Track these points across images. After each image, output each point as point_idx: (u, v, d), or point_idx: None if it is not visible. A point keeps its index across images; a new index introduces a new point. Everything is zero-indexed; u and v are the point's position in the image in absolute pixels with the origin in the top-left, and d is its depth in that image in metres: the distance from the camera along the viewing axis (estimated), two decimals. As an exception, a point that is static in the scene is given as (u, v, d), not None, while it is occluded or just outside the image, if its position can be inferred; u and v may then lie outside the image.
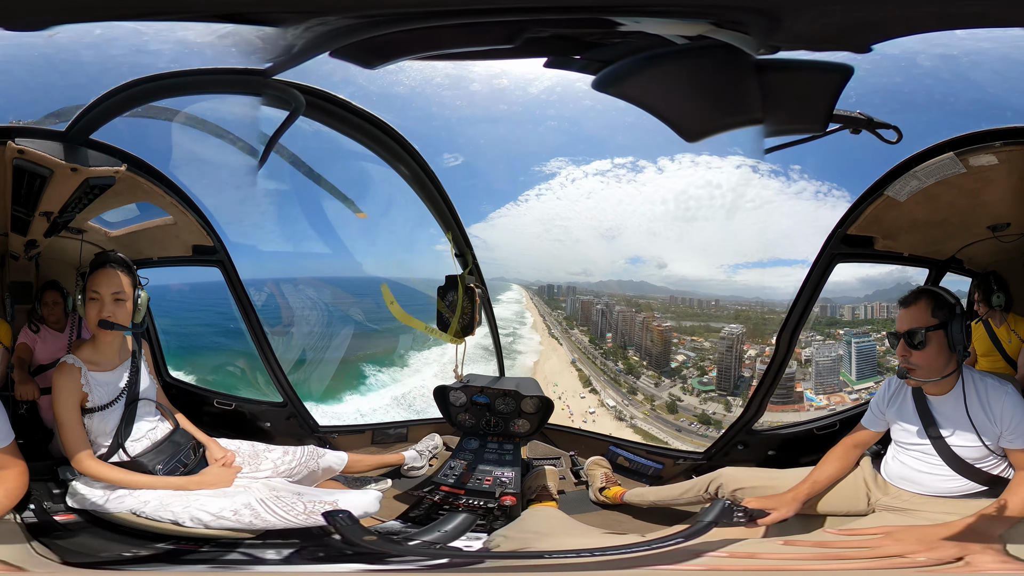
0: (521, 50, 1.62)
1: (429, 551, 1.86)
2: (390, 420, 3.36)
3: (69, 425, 1.95)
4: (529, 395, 2.84)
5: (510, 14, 1.52)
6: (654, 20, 1.50)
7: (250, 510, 1.84)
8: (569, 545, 1.77)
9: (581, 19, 1.56)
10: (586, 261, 6.67)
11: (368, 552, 1.75)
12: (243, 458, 2.23)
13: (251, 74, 1.94)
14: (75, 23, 1.63)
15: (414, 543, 1.91)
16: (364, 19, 1.53)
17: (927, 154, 2.12)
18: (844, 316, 4.79)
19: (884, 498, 2.00)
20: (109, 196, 2.43)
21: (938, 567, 1.61)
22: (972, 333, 2.20)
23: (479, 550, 1.94)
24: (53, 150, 2.11)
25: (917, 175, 2.13)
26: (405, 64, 2.11)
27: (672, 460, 2.92)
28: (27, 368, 2.62)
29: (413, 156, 2.59)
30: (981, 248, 2.45)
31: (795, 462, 2.31)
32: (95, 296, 2.00)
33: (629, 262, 6.24)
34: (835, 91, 1.63)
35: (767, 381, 2.77)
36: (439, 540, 1.96)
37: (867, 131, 1.97)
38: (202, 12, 1.56)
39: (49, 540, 1.77)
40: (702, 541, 1.72)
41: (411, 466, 2.82)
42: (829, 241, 2.49)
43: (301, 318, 5.51)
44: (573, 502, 2.65)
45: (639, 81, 1.64)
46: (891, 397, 2.04)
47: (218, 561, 1.76)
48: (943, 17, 1.45)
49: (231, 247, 2.90)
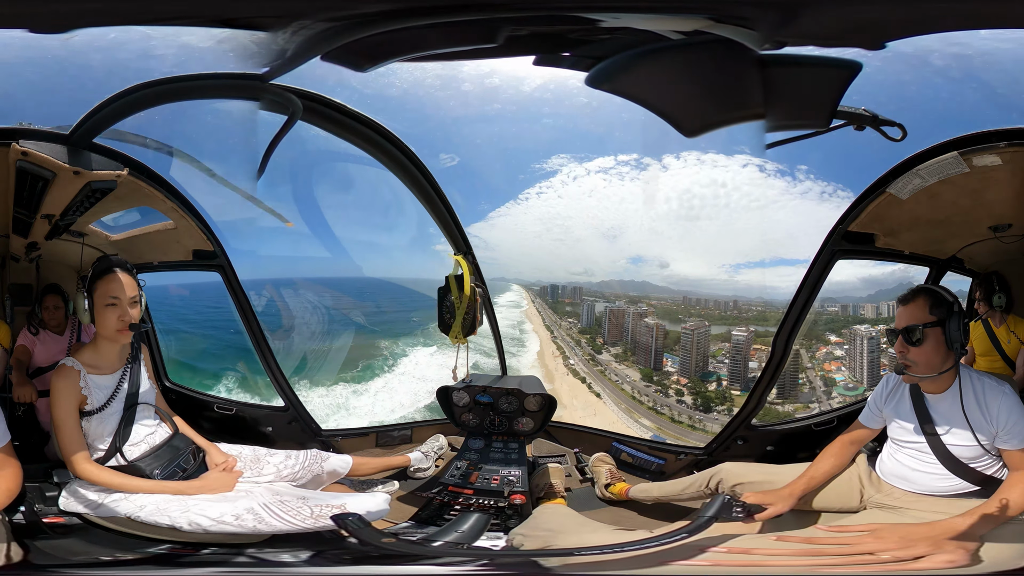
0: (505, 49, 1.62)
1: (456, 551, 1.86)
2: (393, 423, 3.36)
3: (66, 428, 1.94)
4: (532, 393, 2.84)
5: (484, 11, 1.52)
6: (640, 16, 1.50)
7: (253, 515, 1.82)
8: (588, 542, 1.79)
9: (558, 16, 1.56)
10: (587, 260, 6.13)
11: (384, 555, 1.75)
12: (245, 463, 2.22)
13: (249, 79, 1.94)
14: (92, 27, 1.64)
15: (438, 544, 1.90)
16: (345, 21, 1.53)
17: (931, 152, 2.13)
18: (866, 314, 4.50)
19: (877, 495, 2.02)
20: (110, 200, 2.43)
21: (900, 563, 1.63)
22: (971, 332, 2.22)
23: (505, 549, 1.94)
24: (56, 153, 2.11)
25: (920, 173, 2.14)
26: (396, 66, 2.11)
27: (674, 455, 2.93)
28: (25, 370, 2.61)
29: (409, 157, 2.60)
30: (982, 248, 2.47)
31: (793, 457, 2.33)
32: (114, 302, 2.00)
33: (631, 261, 5.72)
34: (840, 87, 1.63)
35: (765, 379, 2.78)
36: (458, 540, 1.95)
37: (871, 128, 1.97)
38: (196, 16, 1.56)
39: (40, 542, 1.76)
40: (703, 536, 1.75)
41: (417, 467, 2.82)
42: (830, 237, 2.50)
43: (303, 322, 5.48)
44: (581, 499, 2.66)
45: (634, 76, 1.64)
46: (889, 394, 2.05)
47: (216, 564, 1.75)
48: (963, 17, 1.45)
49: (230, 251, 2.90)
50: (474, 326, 2.66)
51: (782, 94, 1.61)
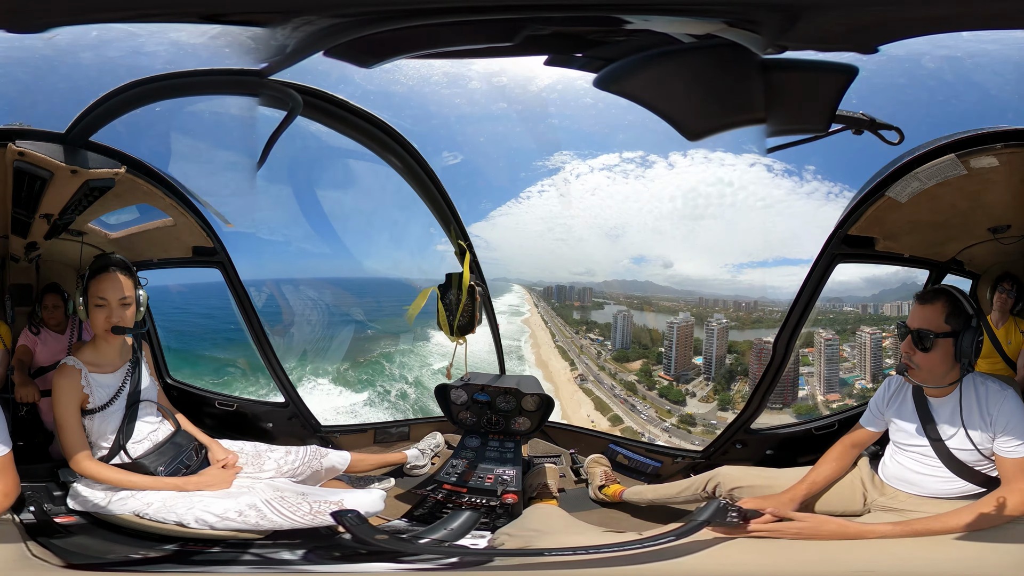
0: (520, 48, 1.62)
1: (439, 549, 1.87)
2: (391, 420, 3.38)
3: (68, 427, 1.95)
4: (529, 393, 2.85)
5: (510, 12, 1.51)
6: (663, 18, 1.49)
7: (255, 511, 1.84)
8: (568, 543, 1.78)
9: (585, 17, 1.55)
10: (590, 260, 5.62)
11: (378, 551, 1.76)
12: (246, 459, 2.23)
13: (247, 75, 1.94)
14: (70, 25, 1.63)
15: (423, 541, 1.92)
16: (353, 18, 1.52)
17: (928, 156, 2.12)
18: (888, 313, 4.28)
19: (880, 499, 2.00)
20: (109, 198, 2.43)
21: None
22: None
23: (485, 548, 1.96)
24: (53, 152, 2.11)
25: (918, 176, 2.12)
26: (402, 63, 2.10)
27: (671, 458, 2.93)
28: (27, 370, 2.62)
29: (412, 154, 2.59)
30: (982, 250, 2.45)
31: (793, 461, 2.32)
32: (102, 303, 2.00)
33: (633, 261, 5.27)
34: (838, 92, 1.62)
35: (766, 382, 2.77)
36: (445, 538, 1.97)
37: (869, 132, 1.96)
38: (183, 12, 1.55)
39: (48, 541, 1.78)
40: (693, 540, 1.73)
41: (413, 465, 2.83)
42: (830, 241, 2.49)
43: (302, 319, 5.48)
44: (573, 500, 2.67)
45: (641, 79, 1.63)
46: (891, 397, 2.03)
47: (224, 562, 1.77)
48: (951, 19, 1.44)
49: (230, 248, 2.90)
50: (472, 324, 2.66)
51: (782, 98, 1.60)
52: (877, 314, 4.26)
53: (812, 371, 4.22)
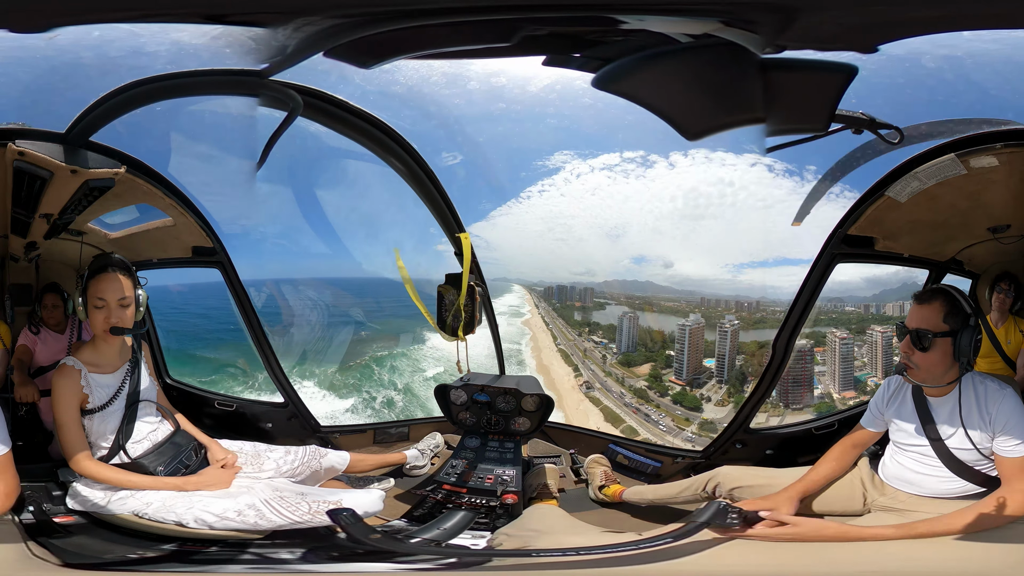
0: (518, 48, 1.62)
1: (435, 550, 1.88)
2: (391, 420, 3.38)
3: (68, 427, 1.96)
4: (529, 393, 2.85)
5: (506, 12, 1.52)
6: (660, 18, 1.49)
7: (254, 511, 1.85)
8: (568, 543, 1.78)
9: (581, 17, 1.56)
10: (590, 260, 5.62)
11: (374, 551, 1.76)
12: (245, 458, 2.24)
13: (248, 75, 1.94)
14: (71, 25, 1.64)
15: (418, 541, 1.92)
16: (353, 18, 1.53)
17: (928, 155, 2.12)
18: (890, 313, 4.26)
19: (880, 499, 2.00)
20: (109, 198, 2.44)
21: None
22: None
23: (484, 548, 1.96)
24: (53, 152, 2.11)
25: (918, 176, 2.13)
26: (401, 63, 2.10)
27: (671, 458, 2.93)
28: (27, 370, 2.62)
29: (411, 154, 2.59)
30: (981, 250, 2.45)
31: (793, 461, 2.33)
32: (101, 303, 2.00)
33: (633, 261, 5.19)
34: (838, 91, 1.62)
35: (764, 382, 2.77)
36: (440, 538, 1.98)
37: (869, 131, 1.96)
38: (185, 13, 1.56)
39: (48, 541, 1.78)
40: (693, 540, 1.73)
41: (413, 465, 2.83)
42: (830, 241, 2.49)
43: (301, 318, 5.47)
44: (573, 500, 2.67)
45: (639, 79, 1.63)
46: (891, 397, 2.03)
47: (223, 562, 1.78)
48: (951, 19, 1.44)
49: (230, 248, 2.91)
50: (472, 323, 2.66)
51: (782, 98, 1.60)
52: (879, 314, 4.30)
53: (824, 370, 4.22)
